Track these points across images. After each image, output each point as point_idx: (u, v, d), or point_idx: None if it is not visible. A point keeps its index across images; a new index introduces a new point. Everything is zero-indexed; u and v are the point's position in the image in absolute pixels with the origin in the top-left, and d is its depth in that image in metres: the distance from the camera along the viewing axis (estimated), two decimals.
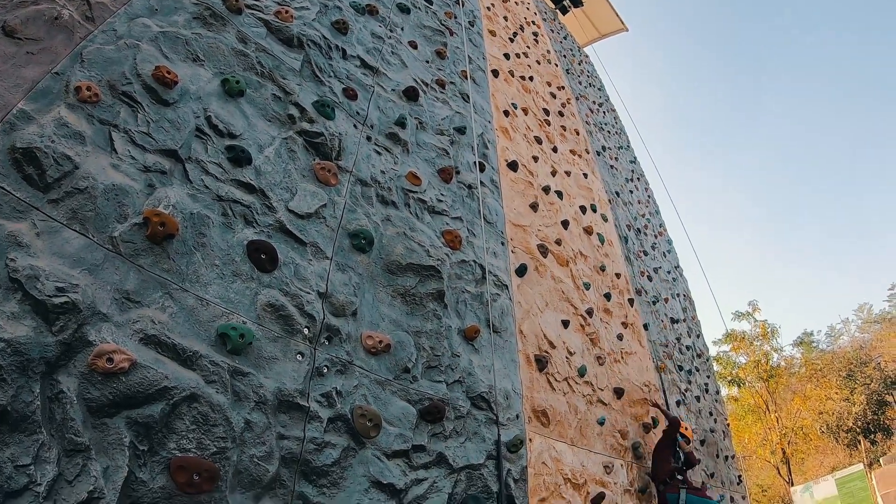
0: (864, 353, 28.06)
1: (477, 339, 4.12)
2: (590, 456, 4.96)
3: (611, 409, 5.69)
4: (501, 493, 3.65)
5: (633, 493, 5.63)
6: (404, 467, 3.11)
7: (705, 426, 9.83)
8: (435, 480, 3.26)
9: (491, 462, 3.69)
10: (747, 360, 28.03)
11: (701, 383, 10.57)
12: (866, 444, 23.43)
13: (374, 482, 2.89)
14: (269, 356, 2.75)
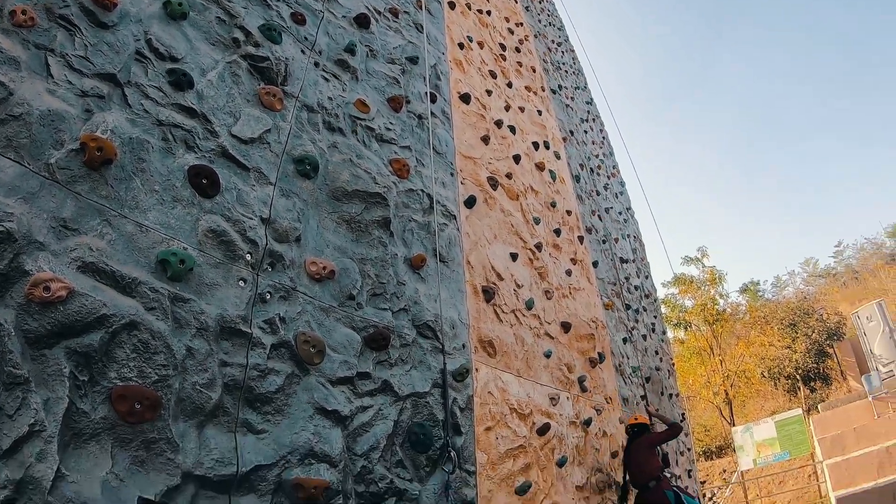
0: (808, 305, 29.16)
1: (423, 269, 4.15)
2: (536, 387, 5.11)
3: (557, 343, 5.84)
4: (447, 422, 3.75)
5: (577, 425, 5.83)
6: (349, 394, 3.16)
7: (651, 364, 10.16)
8: (380, 408, 3.33)
9: (437, 390, 3.78)
10: (694, 304, 28.80)
11: (648, 323, 10.88)
12: (805, 390, 24.47)
13: (319, 409, 2.94)
14: (210, 282, 2.74)
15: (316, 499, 2.75)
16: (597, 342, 6.97)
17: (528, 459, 4.66)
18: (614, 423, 7.03)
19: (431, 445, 3.58)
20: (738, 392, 26.95)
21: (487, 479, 4.10)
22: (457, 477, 3.75)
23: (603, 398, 6.84)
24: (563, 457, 5.24)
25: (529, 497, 4.57)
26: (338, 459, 2.93)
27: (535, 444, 4.84)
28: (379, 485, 3.16)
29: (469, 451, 3.95)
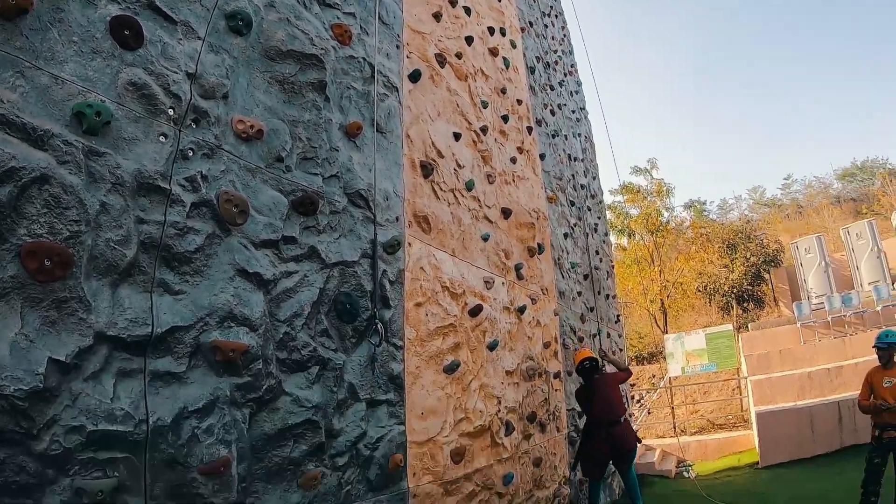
0: (750, 229, 30.05)
1: (359, 137, 3.99)
2: (471, 269, 5.10)
3: (496, 228, 5.82)
4: (375, 293, 3.70)
5: (511, 312, 5.90)
6: (273, 258, 3.06)
7: (590, 263, 10.30)
8: (306, 274, 3.25)
9: (366, 261, 3.71)
10: (639, 213, 29.28)
11: (591, 223, 10.99)
12: (738, 310, 25.48)
13: (240, 271, 2.84)
14: (129, 137, 2.55)
15: (234, 362, 2.70)
16: (537, 233, 6.99)
17: (458, 339, 4.70)
18: (549, 314, 7.16)
19: (358, 316, 3.55)
20: (673, 303, 27.90)
21: (415, 356, 4.12)
22: (384, 350, 3.75)
23: (539, 288, 6.92)
24: (494, 340, 5.31)
25: (458, 376, 4.64)
26: (258, 323, 2.86)
27: (467, 324, 4.88)
28: (302, 352, 3.11)
29: (397, 326, 3.94)
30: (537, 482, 6.28)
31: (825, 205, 38.77)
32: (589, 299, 9.79)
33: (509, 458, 5.53)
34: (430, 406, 4.23)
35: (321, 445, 3.17)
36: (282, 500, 2.93)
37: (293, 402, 3.02)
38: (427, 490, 4.12)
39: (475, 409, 4.89)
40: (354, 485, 3.44)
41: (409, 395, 4.00)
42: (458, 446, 4.53)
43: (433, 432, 4.25)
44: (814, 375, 14.05)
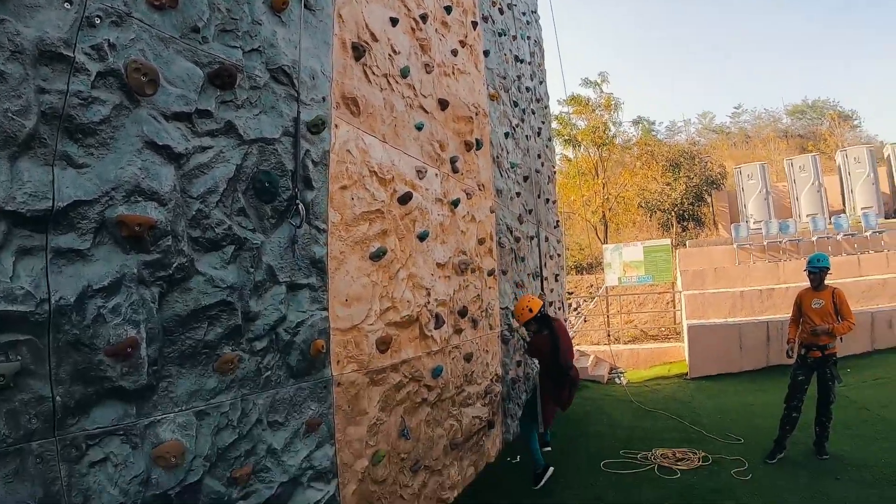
0: (696, 150, 30.42)
1: (285, 12, 3.72)
2: (402, 156, 4.96)
3: (432, 119, 5.65)
4: (297, 173, 3.54)
5: (444, 204, 5.81)
6: (186, 132, 2.85)
7: (531, 165, 10.25)
8: (222, 150, 3.05)
9: (288, 139, 3.52)
10: (586, 125, 29.30)
11: (535, 126, 10.88)
12: (678, 228, 26.07)
13: (149, 143, 2.64)
14: (30, 4, 2.28)
15: (141, 238, 2.54)
16: (475, 128, 6.84)
17: (386, 226, 4.59)
18: (485, 211, 7.11)
19: (278, 196, 3.39)
20: (614, 216, 28.39)
21: (340, 240, 4.00)
22: (305, 233, 3.62)
23: (475, 184, 6.83)
24: (424, 231, 5.23)
25: (384, 264, 4.56)
26: (167, 198, 2.68)
27: (395, 212, 4.77)
28: (216, 230, 2.97)
29: (321, 208, 3.79)
30: (468, 377, 6.38)
31: (772, 137, 39.45)
32: (528, 201, 9.78)
33: (439, 351, 5.56)
34: (354, 293, 4.16)
35: (237, 328, 3.07)
36: (197, 385, 2.85)
37: (207, 283, 2.90)
38: (352, 378, 4.10)
39: (403, 299, 4.85)
40: (275, 370, 3.38)
41: (333, 281, 3.91)
42: (384, 335, 4.50)
43: (358, 319, 4.19)
44: (746, 295, 14.57)
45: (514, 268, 8.60)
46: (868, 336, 12.33)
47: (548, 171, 11.99)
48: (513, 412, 8.20)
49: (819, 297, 6.59)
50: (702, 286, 16.07)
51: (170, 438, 2.67)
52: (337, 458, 3.92)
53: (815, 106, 44.72)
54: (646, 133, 31.82)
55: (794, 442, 6.85)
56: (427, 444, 5.33)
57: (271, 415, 3.35)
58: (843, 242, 16.94)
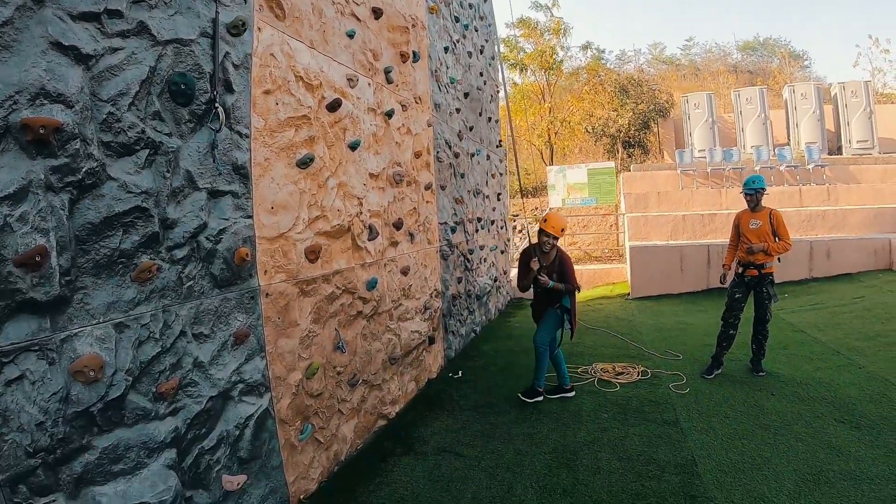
0: (644, 79, 30.30)
1: None
2: (332, 63, 4.77)
3: (365, 27, 5.43)
4: (216, 75, 3.37)
5: (377, 114, 5.66)
6: (95, 33, 2.66)
7: (473, 83, 10.08)
8: (134, 51, 2.86)
9: (205, 40, 3.33)
10: (534, 49, 28.87)
11: (477, 44, 10.66)
12: (624, 154, 26.16)
13: (55, 43, 2.45)
14: None
15: (46, 141, 2.38)
16: (412, 39, 6.62)
17: (314, 132, 4.44)
18: (421, 124, 6.98)
19: (195, 99, 3.22)
20: (560, 141, 28.34)
21: (264, 146, 3.85)
22: (226, 138, 3.47)
23: (412, 96, 6.67)
24: (356, 140, 5.09)
25: (313, 172, 4.43)
26: (74, 100, 2.51)
27: (324, 119, 4.61)
28: (128, 134, 2.81)
29: (242, 113, 3.63)
30: (406, 291, 6.38)
31: (722, 71, 39.57)
32: (468, 118, 9.65)
33: (373, 263, 5.51)
34: (280, 200, 4.03)
35: (155, 236, 2.95)
36: (114, 296, 2.74)
37: (120, 188, 2.76)
38: (280, 289, 4.03)
39: (333, 208, 4.74)
40: (197, 280, 3.29)
41: (257, 188, 3.77)
42: (313, 244, 4.41)
43: (285, 228, 4.08)
44: (688, 219, 14.90)
45: (454, 183, 8.54)
46: (807, 264, 12.86)
47: (490, 89, 11.81)
48: (454, 328, 8.29)
49: (756, 217, 6.73)
50: (645, 209, 16.33)
51: (88, 352, 2.58)
52: (269, 370, 3.89)
53: (767, 43, 45.23)
54: (595, 61, 31.48)
55: (731, 359, 7.19)
56: (365, 359, 5.34)
57: (196, 326, 3.27)
58: (785, 173, 17.34)
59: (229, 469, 3.47)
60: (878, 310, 9.36)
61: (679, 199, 16.59)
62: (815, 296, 11.28)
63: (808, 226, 14.15)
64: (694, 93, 22.00)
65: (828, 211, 14.37)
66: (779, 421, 5.36)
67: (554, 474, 4.61)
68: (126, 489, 2.69)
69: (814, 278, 12.68)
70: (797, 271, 12.71)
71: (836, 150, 19.93)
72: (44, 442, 2.36)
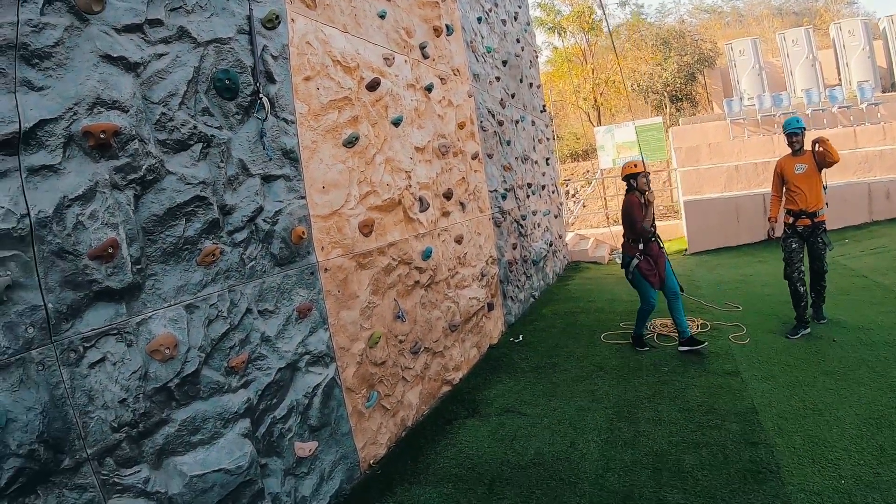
0: (686, 29, 29.43)
1: None
2: (367, 45, 4.88)
3: (395, 6, 5.51)
4: (257, 68, 3.52)
5: (417, 89, 5.76)
6: (140, 42, 2.83)
7: (510, 50, 10.05)
8: (178, 55, 3.03)
9: (243, 37, 3.48)
10: (571, 10, 28.42)
11: (511, 11, 10.59)
12: (672, 108, 25.57)
13: (105, 56, 2.62)
14: None
15: (107, 144, 2.56)
16: (443, 13, 6.66)
17: (356, 112, 4.57)
18: (462, 95, 7.04)
19: (240, 92, 3.38)
20: (606, 101, 27.91)
21: (310, 130, 4.00)
22: (273, 125, 3.63)
23: (449, 69, 6.74)
24: (398, 116, 5.20)
25: (359, 150, 4.57)
26: (128, 105, 2.68)
27: (365, 99, 4.73)
28: (181, 130, 2.98)
29: (286, 100, 3.78)
30: (461, 259, 6.49)
31: (766, 15, 38.09)
32: (509, 86, 9.65)
33: (427, 233, 5.64)
34: (331, 179, 4.19)
35: (215, 222, 3.13)
36: (182, 280, 2.94)
37: (179, 181, 2.93)
38: (338, 263, 4.20)
39: (382, 183, 4.88)
40: (259, 260, 3.47)
41: (308, 170, 3.93)
42: (366, 219, 4.56)
43: (337, 205, 4.24)
44: (741, 168, 14.57)
45: (500, 151, 8.59)
46: (866, 207, 12.49)
47: (528, 55, 11.73)
48: (512, 294, 8.38)
49: (801, 161, 6.41)
50: (696, 162, 16.02)
51: (162, 333, 2.76)
52: (332, 341, 4.07)
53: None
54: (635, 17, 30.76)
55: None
56: (425, 327, 5.49)
57: (261, 303, 3.46)
58: (838, 115, 16.71)
59: (301, 436, 3.67)
60: None
61: (730, 149, 16.20)
62: (876, 240, 10.99)
63: (865, 167, 13.68)
64: (738, 39, 21.24)
65: (885, 151, 13.85)
66: (841, 367, 5.28)
67: (615, 428, 4.68)
68: (205, 458, 2.89)
69: (874, 221, 12.34)
70: (857, 215, 12.36)
71: (889, 87, 19.12)
72: (127, 417, 2.55)
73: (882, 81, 18.96)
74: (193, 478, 2.79)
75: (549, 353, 6.78)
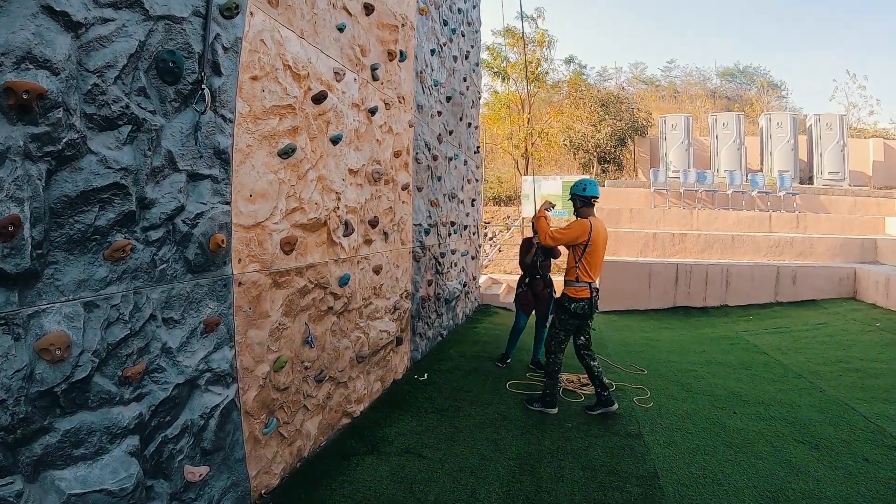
0: (624, 96, 30.79)
1: None
2: (320, 56, 4.74)
3: (355, 22, 5.42)
4: (205, 56, 3.33)
5: (361, 110, 5.65)
6: (89, 2, 2.61)
7: (456, 87, 10.08)
8: (125, 24, 2.81)
9: (197, 20, 3.29)
10: (518, 58, 29.10)
11: (463, 49, 10.68)
12: (599, 168, 26.52)
13: (45, 7, 2.39)
14: None
15: (29, 107, 2.32)
16: (400, 38, 6.62)
17: (298, 123, 4.40)
18: (403, 124, 6.97)
19: (182, 78, 3.18)
20: (536, 152, 28.54)
21: (247, 133, 3.81)
22: (210, 121, 3.43)
23: (396, 95, 6.66)
24: (338, 133, 5.05)
25: (294, 163, 4.39)
26: (60, 67, 2.45)
27: (309, 110, 4.57)
28: (112, 108, 2.75)
29: (228, 97, 3.59)
30: (377, 290, 6.34)
31: (700, 95, 40.53)
32: (449, 122, 9.66)
33: (347, 259, 5.48)
34: (260, 189, 3.99)
35: (131, 215, 2.89)
36: (85, 273, 2.68)
37: (99, 163, 2.69)
38: (254, 278, 3.98)
39: (311, 201, 4.71)
40: (171, 264, 3.23)
41: (237, 174, 3.73)
42: (289, 236, 4.36)
43: (262, 217, 4.04)
44: (659, 237, 15.12)
45: (430, 186, 8.53)
46: (773, 288, 13.15)
47: (473, 95, 11.83)
48: (421, 331, 8.27)
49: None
50: (616, 225, 16.48)
51: (55, 330, 2.50)
52: (237, 361, 3.84)
53: (746, 72, 46.54)
54: (577, 75, 31.87)
55: (694, 377, 7.39)
56: (332, 355, 5.30)
57: (166, 311, 3.22)
58: (756, 199, 17.71)
59: (192, 459, 3.41)
60: (840, 336, 9.61)
61: (651, 216, 16.83)
62: (779, 319, 11.52)
63: (776, 251, 14.50)
64: (672, 114, 22.39)
65: (796, 238, 14.73)
66: (740, 439, 5.44)
67: (517, 480, 4.62)
68: (86, 475, 2.62)
69: (779, 303, 12.96)
70: (763, 295, 13.03)
71: (807, 179, 20.46)
72: (4, 420, 2.27)
73: (801, 174, 20.34)
74: (72, 496, 2.52)
75: (453, 396, 6.70)
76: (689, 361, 7.87)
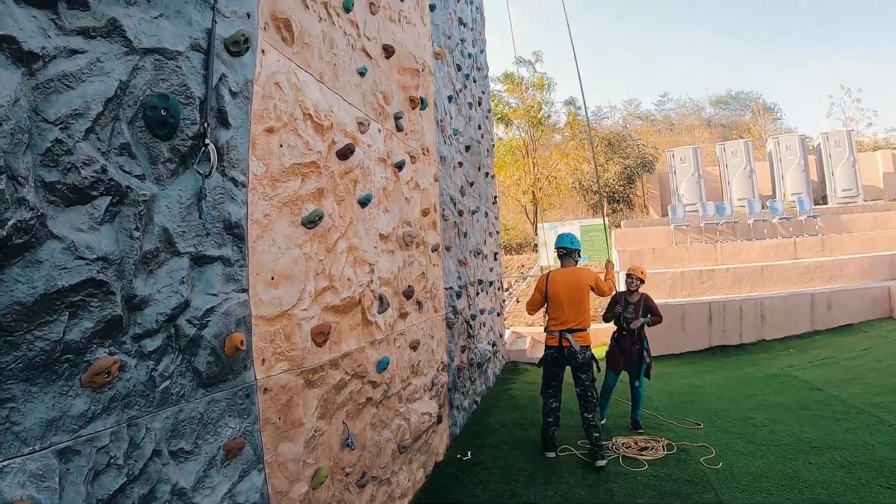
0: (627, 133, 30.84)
1: None
2: (341, 103, 3.95)
3: (376, 66, 4.66)
4: (208, 102, 2.51)
5: (388, 165, 4.85)
6: (47, 24, 1.82)
7: (472, 135, 9.46)
8: (100, 57, 2.00)
9: (197, 56, 2.49)
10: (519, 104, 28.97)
11: (476, 95, 10.09)
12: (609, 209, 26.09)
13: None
14: None
15: None
16: (421, 84, 5.89)
17: (323, 184, 3.57)
18: (429, 178, 6.19)
19: (179, 131, 2.35)
20: (545, 196, 28.18)
21: (264, 198, 2.97)
22: (218, 186, 2.60)
23: (420, 147, 5.90)
24: (367, 195, 4.22)
25: (321, 232, 3.54)
26: (2, 115, 1.64)
27: (334, 168, 3.75)
28: (83, 172, 1.92)
29: (240, 154, 2.76)
30: (414, 368, 5.49)
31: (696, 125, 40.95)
32: (469, 173, 8.95)
33: (384, 339, 4.61)
34: (283, 269, 3.11)
35: (116, 321, 2.03)
36: (57, 409, 1.82)
37: (66, 252, 1.85)
38: (282, 382, 3.10)
39: (343, 277, 3.84)
40: (176, 380, 2.34)
41: (255, 252, 2.86)
42: (321, 323, 3.48)
43: (288, 304, 3.15)
44: (686, 275, 14.65)
45: (458, 244, 7.74)
46: (808, 317, 12.59)
47: (487, 143, 11.22)
48: (458, 402, 7.36)
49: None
50: None
51: (19, 496, 1.65)
52: (267, 486, 2.93)
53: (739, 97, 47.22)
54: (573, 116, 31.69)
55: (755, 425, 6.85)
56: (374, 451, 4.40)
57: (174, 441, 2.33)
58: (778, 226, 17.30)
59: None
60: (888, 361, 9.22)
61: (674, 255, 16.35)
62: (821, 349, 10.99)
63: (806, 278, 14.05)
64: (680, 147, 22.16)
65: (825, 262, 14.28)
66: (825, 493, 4.93)
67: None
68: None
69: (816, 331, 12.44)
70: (800, 325, 12.51)
71: (820, 199, 20.11)
72: None
73: (813, 194, 19.84)
74: None
75: (504, 478, 5.81)
76: (743, 407, 7.51)
